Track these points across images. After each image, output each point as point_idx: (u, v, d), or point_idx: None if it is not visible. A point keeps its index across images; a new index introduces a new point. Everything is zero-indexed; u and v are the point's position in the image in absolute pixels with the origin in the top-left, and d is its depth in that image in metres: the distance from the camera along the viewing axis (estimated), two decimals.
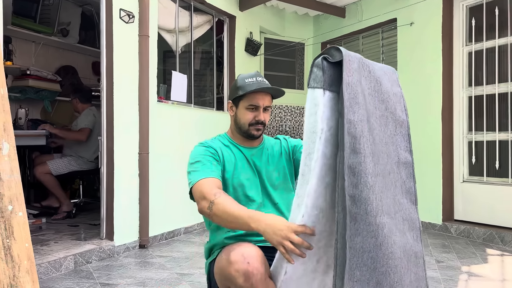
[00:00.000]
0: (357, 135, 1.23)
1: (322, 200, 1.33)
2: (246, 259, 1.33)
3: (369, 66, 1.36)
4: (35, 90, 5.20)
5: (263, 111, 1.77)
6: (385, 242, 1.22)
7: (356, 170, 1.22)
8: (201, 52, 5.31)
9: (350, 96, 1.24)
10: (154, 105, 4.08)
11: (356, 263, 1.23)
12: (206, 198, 1.50)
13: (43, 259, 3.09)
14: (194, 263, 3.40)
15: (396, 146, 1.38)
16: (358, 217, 1.22)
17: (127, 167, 3.76)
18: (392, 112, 1.39)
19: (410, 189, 1.39)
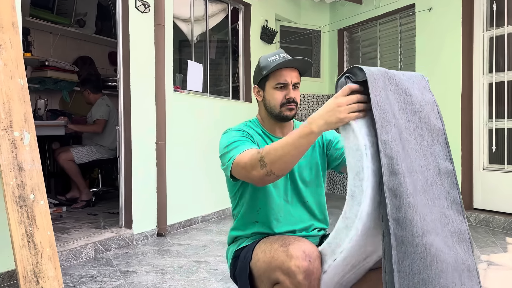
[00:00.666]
0: (393, 155, 1.20)
1: (372, 221, 1.27)
2: (307, 257, 1.31)
3: (395, 79, 1.30)
4: (53, 80, 5.27)
5: (293, 89, 1.65)
6: (434, 261, 1.19)
7: (397, 192, 1.18)
8: (216, 41, 5.30)
9: (380, 116, 1.21)
10: (171, 94, 4.10)
11: (407, 286, 1.20)
12: (253, 160, 1.40)
13: (64, 246, 3.16)
14: (211, 251, 3.44)
15: (435, 157, 1.33)
16: (405, 240, 1.18)
17: (144, 156, 3.80)
18: (426, 122, 1.33)
19: (455, 199, 1.33)
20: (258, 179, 1.41)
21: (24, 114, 2.61)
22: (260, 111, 1.77)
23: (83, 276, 2.84)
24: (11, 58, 2.60)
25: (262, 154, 1.39)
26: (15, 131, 2.55)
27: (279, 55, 1.67)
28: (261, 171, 1.39)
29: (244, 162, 1.45)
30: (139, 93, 3.74)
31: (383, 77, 1.27)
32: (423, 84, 1.38)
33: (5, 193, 2.43)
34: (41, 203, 2.58)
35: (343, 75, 1.29)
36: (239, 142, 1.55)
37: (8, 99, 2.55)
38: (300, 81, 1.68)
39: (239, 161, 1.47)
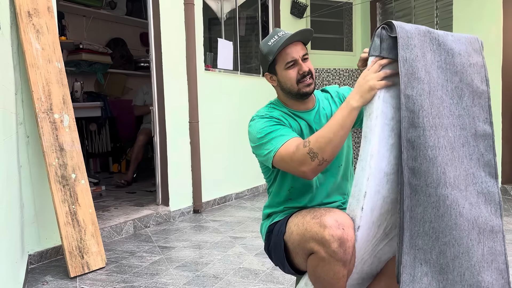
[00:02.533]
0: (415, 109, 1.25)
1: (386, 163, 1.32)
2: (340, 225, 1.33)
3: (438, 39, 1.34)
4: (88, 63, 5.39)
5: (303, 62, 1.61)
6: (447, 213, 1.24)
7: (415, 144, 1.25)
8: (246, 18, 5.25)
9: (408, 71, 1.26)
10: (202, 73, 4.12)
11: (418, 232, 1.27)
12: (301, 154, 1.40)
13: (105, 223, 3.28)
14: (246, 227, 3.50)
15: (473, 118, 1.36)
16: (418, 189, 1.25)
17: (178, 135, 3.87)
18: (468, 83, 1.36)
19: (489, 162, 1.36)
20: (311, 172, 1.42)
21: (62, 96, 2.69)
22: (278, 95, 1.74)
23: (124, 251, 2.95)
24: (48, 42, 2.67)
25: (310, 145, 1.39)
26: (55, 114, 2.64)
27: (277, 35, 1.62)
28: (312, 163, 1.39)
29: (290, 157, 1.44)
30: (171, 73, 3.78)
31: (421, 35, 1.31)
32: (475, 47, 1.40)
33: (48, 173, 2.54)
34: (82, 183, 2.69)
35: (380, 26, 1.33)
36: (274, 133, 1.53)
37: (47, 83, 2.63)
38: (306, 51, 1.65)
39: (282, 155, 1.46)
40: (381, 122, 1.30)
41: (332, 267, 1.36)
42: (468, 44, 1.39)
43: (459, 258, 1.26)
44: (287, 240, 1.55)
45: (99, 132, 5.74)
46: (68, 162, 2.64)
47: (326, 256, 1.35)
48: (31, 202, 2.69)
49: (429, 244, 1.27)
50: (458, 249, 1.26)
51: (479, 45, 1.41)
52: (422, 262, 1.28)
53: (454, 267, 1.26)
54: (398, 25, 1.28)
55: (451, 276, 1.26)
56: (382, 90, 1.31)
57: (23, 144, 2.64)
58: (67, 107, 2.70)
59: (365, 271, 1.60)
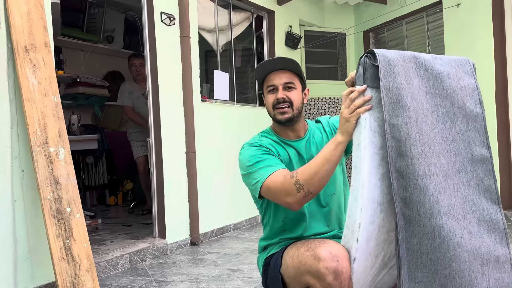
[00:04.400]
0: (402, 138, 1.23)
1: (378, 192, 1.30)
2: (335, 257, 1.32)
3: (425, 64, 1.32)
4: (85, 96, 5.43)
5: (284, 90, 1.64)
6: (444, 244, 1.20)
7: (404, 173, 1.22)
8: (241, 50, 5.33)
9: (391, 100, 1.25)
10: (198, 104, 4.14)
11: (416, 264, 1.22)
12: (287, 185, 1.41)
13: (101, 258, 3.22)
14: (244, 259, 3.43)
15: (469, 142, 1.32)
16: (412, 219, 1.22)
17: (175, 166, 3.85)
18: (460, 107, 1.32)
19: (489, 187, 1.31)
20: (296, 203, 1.43)
21: (58, 130, 2.69)
22: (272, 122, 1.77)
23: (120, 286, 2.88)
24: (45, 76, 2.69)
25: (297, 177, 1.40)
26: (50, 147, 2.63)
27: (269, 60, 1.66)
28: (298, 194, 1.40)
29: (276, 187, 1.45)
30: (168, 105, 3.80)
31: (406, 61, 1.30)
32: (466, 69, 1.37)
33: (43, 207, 2.51)
34: (77, 216, 2.65)
35: (364, 55, 1.32)
36: (262, 162, 1.54)
37: (43, 116, 2.63)
38: (294, 81, 1.66)
39: (269, 186, 1.48)
40: (370, 152, 1.29)
41: None
42: (458, 67, 1.37)
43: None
44: (284, 273, 1.53)
45: (96, 165, 5.72)
46: (63, 196, 2.61)
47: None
48: (25, 237, 2.64)
49: (428, 277, 1.21)
50: (460, 282, 1.20)
51: (470, 67, 1.39)
52: None
53: None
54: (379, 54, 1.27)
55: None
56: (368, 120, 1.29)
57: (18, 179, 2.62)
58: (63, 140, 2.69)
59: None
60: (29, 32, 2.67)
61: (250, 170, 1.56)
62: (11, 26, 2.59)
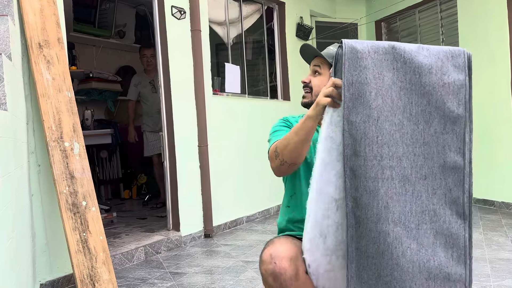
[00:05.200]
0: (358, 137, 1.16)
1: (333, 188, 1.25)
2: (273, 259, 1.34)
3: (404, 56, 1.18)
4: (98, 91, 5.48)
5: (312, 74, 1.72)
6: (387, 251, 1.14)
7: (357, 173, 1.17)
8: (252, 42, 5.32)
9: (353, 96, 1.17)
10: (210, 98, 4.16)
11: (363, 265, 1.19)
12: (272, 151, 1.53)
13: (116, 250, 3.27)
14: (258, 251, 3.45)
15: (443, 147, 1.18)
16: (361, 221, 1.18)
17: (188, 160, 3.88)
18: (438, 106, 1.18)
19: (457, 199, 1.18)
20: (275, 169, 1.53)
21: (73, 125, 2.73)
22: None
23: (136, 278, 2.93)
24: (59, 72, 2.73)
25: (277, 145, 1.50)
26: (65, 142, 2.67)
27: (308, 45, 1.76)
28: (276, 161, 1.51)
29: (270, 153, 1.57)
30: (179, 99, 3.82)
31: (380, 54, 1.19)
32: (457, 62, 1.21)
33: (59, 201, 2.55)
34: (92, 210, 2.69)
35: (339, 45, 1.24)
36: (277, 132, 1.66)
37: (58, 112, 2.67)
38: (321, 65, 1.69)
39: (269, 151, 1.60)
40: (327, 146, 1.24)
41: None
42: (447, 60, 1.20)
43: None
44: None
45: (110, 159, 5.78)
46: (78, 190, 2.65)
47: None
48: (43, 230, 2.69)
49: (373, 280, 1.17)
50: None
51: (463, 60, 1.21)
52: None
53: None
54: (347, 45, 1.19)
55: None
56: (330, 114, 1.26)
57: (35, 173, 2.67)
58: (77, 135, 2.73)
59: None
60: (42, 29, 2.70)
61: (268, 138, 1.69)
62: (24, 23, 2.63)
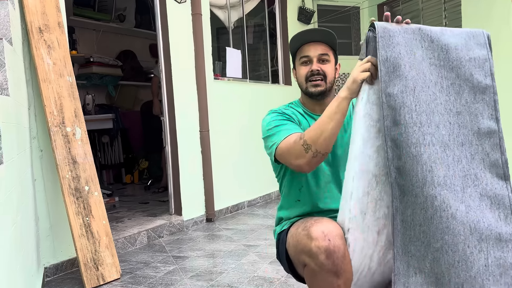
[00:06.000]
0: (397, 107, 1.23)
1: (373, 164, 1.29)
2: (326, 236, 1.32)
3: (431, 36, 1.30)
4: (99, 76, 5.47)
5: (318, 62, 1.62)
6: (436, 215, 1.17)
7: (398, 142, 1.22)
8: (253, 26, 5.28)
9: (388, 70, 1.25)
10: (211, 82, 4.14)
11: (410, 237, 1.21)
12: (297, 146, 1.42)
13: (119, 235, 3.30)
14: (259, 235, 3.48)
15: (476, 115, 1.27)
16: (406, 189, 1.20)
17: (189, 145, 3.89)
18: (467, 79, 1.29)
19: (496, 161, 1.25)
20: (306, 164, 1.43)
21: (74, 110, 2.73)
22: (301, 92, 1.76)
23: (139, 262, 2.96)
24: (59, 57, 2.71)
25: (304, 138, 1.41)
26: (67, 127, 2.67)
27: (306, 30, 1.65)
28: (307, 154, 1.40)
29: (287, 149, 1.46)
30: (180, 83, 3.81)
31: (409, 33, 1.29)
32: (479, 41, 1.33)
33: (62, 185, 2.57)
34: (95, 194, 2.71)
35: (368, 29, 1.34)
36: (281, 127, 1.56)
37: (59, 97, 2.67)
38: (328, 53, 1.64)
39: (283, 148, 1.48)
40: (365, 123, 1.29)
41: (325, 278, 1.35)
42: (469, 38, 1.33)
43: (455, 268, 1.16)
44: (288, 250, 1.57)
45: (112, 144, 5.80)
46: (81, 175, 2.66)
47: (316, 268, 1.35)
48: (46, 215, 2.71)
49: (421, 251, 1.19)
50: (453, 257, 1.16)
51: (484, 39, 1.34)
52: (417, 271, 1.21)
53: (450, 278, 1.16)
54: (379, 25, 1.28)
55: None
56: (367, 92, 1.30)
57: (37, 158, 2.68)
58: (79, 120, 2.73)
59: (376, 280, 1.56)
60: (42, 13, 2.68)
61: (269, 134, 1.58)
62: (24, 7, 2.60)
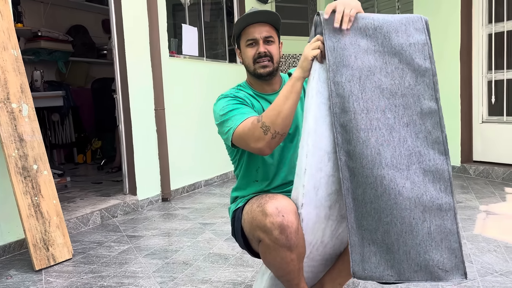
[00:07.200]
0: (345, 95, 1.32)
1: (325, 141, 1.36)
2: (280, 212, 1.36)
3: (374, 24, 1.38)
4: (48, 51, 5.21)
5: (264, 43, 1.63)
6: (385, 193, 1.28)
7: (348, 128, 1.31)
8: (210, 3, 5.19)
9: (336, 60, 1.33)
10: (166, 60, 4.06)
11: (362, 213, 1.31)
12: (255, 129, 1.43)
13: (71, 215, 3.22)
14: (216, 213, 3.51)
15: (418, 97, 1.36)
16: (356, 171, 1.31)
17: (144, 123, 3.81)
18: (408, 63, 1.37)
19: (437, 138, 1.35)
20: (266, 146, 1.44)
21: (20, 85, 2.60)
22: (247, 75, 1.76)
23: (92, 242, 2.91)
24: (3, 29, 2.57)
25: (262, 120, 1.42)
26: (12, 103, 2.55)
27: (249, 12, 1.64)
28: (266, 136, 1.42)
29: (245, 133, 1.46)
30: (134, 60, 3.71)
31: (353, 22, 1.38)
32: (417, 26, 1.40)
33: (8, 164, 2.46)
34: (44, 173, 2.62)
35: (316, 13, 1.42)
36: (236, 111, 1.55)
37: (3, 71, 2.53)
38: (273, 35, 1.66)
39: (240, 132, 1.49)
40: (317, 101, 1.35)
41: (279, 253, 1.40)
42: (409, 24, 1.40)
43: (403, 237, 1.28)
44: (243, 227, 1.59)
45: (62, 123, 5.60)
46: (29, 153, 2.56)
47: (270, 243, 1.39)
48: None
49: (373, 225, 1.30)
50: (401, 228, 1.28)
51: (422, 24, 1.41)
52: (370, 242, 1.32)
53: (399, 246, 1.28)
54: (324, 16, 1.36)
55: (397, 255, 1.29)
56: (317, 70, 1.36)
57: None
58: (25, 96, 2.61)
59: (328, 253, 1.63)
60: None
61: (223, 119, 1.57)
62: None
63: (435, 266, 1.28)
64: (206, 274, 2.30)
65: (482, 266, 2.22)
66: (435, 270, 1.28)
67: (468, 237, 2.63)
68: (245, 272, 2.31)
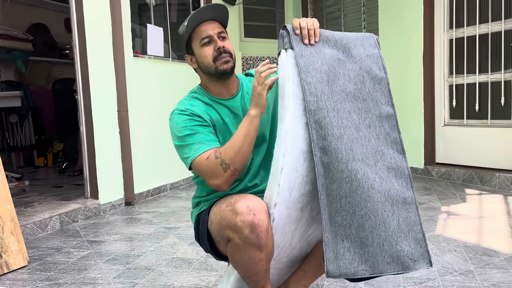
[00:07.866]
0: (318, 93, 1.39)
1: (301, 140, 1.38)
2: (251, 211, 1.35)
3: (334, 37, 1.50)
4: (6, 50, 5.01)
5: (220, 40, 1.56)
6: (360, 186, 1.33)
7: (323, 124, 1.36)
8: (176, 4, 5.12)
9: (305, 64, 1.41)
10: (130, 60, 3.96)
11: (335, 208, 1.33)
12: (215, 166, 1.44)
13: (27, 220, 3.08)
14: (180, 217, 3.44)
15: (377, 102, 1.47)
16: (331, 166, 1.34)
17: (106, 125, 3.71)
18: (367, 71, 1.48)
19: (395, 139, 1.45)
20: (224, 183, 1.46)
21: None
22: (201, 79, 1.68)
23: (49, 248, 2.79)
24: None
25: (221, 157, 1.43)
26: None
27: (192, 14, 1.57)
28: (225, 174, 1.44)
29: (203, 169, 1.48)
30: (96, 60, 3.60)
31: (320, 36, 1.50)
32: (370, 42, 1.55)
33: None
34: None
35: (282, 28, 1.48)
36: (194, 137, 1.50)
37: None
38: (224, 30, 1.61)
39: (197, 165, 1.49)
40: (293, 101, 1.39)
41: (248, 253, 1.39)
42: (364, 40, 1.54)
43: (377, 230, 1.32)
44: (210, 228, 1.56)
45: (22, 124, 5.38)
46: None
47: (240, 242, 1.38)
48: None
49: (347, 219, 1.33)
50: (375, 221, 1.32)
51: (374, 41, 1.55)
52: (344, 238, 1.33)
53: (373, 239, 1.32)
54: (291, 29, 1.46)
55: (371, 248, 1.32)
56: (291, 74, 1.41)
57: None
58: None
59: (295, 255, 1.63)
60: None
61: (181, 143, 1.52)
62: None
63: (405, 257, 1.33)
64: (168, 279, 2.24)
65: (443, 265, 2.25)
66: (406, 261, 1.33)
67: (430, 238, 2.68)
68: (209, 276, 2.26)
